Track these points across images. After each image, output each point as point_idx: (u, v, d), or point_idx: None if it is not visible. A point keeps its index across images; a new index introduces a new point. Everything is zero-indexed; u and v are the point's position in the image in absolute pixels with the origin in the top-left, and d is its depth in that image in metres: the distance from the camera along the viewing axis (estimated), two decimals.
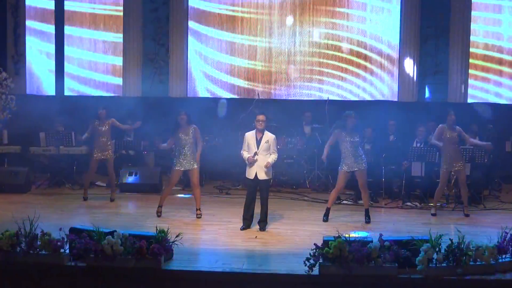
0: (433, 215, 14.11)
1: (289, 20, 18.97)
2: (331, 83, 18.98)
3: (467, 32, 18.39)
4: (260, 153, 12.46)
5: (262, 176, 12.50)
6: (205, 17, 19.23)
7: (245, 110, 16.83)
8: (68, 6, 19.14)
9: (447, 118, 13.93)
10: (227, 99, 18.73)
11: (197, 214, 13.50)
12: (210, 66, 19.27)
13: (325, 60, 18.98)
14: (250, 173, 12.55)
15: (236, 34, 19.17)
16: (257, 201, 12.71)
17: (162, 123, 15.16)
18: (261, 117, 12.56)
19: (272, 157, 12.56)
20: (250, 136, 12.61)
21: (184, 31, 19.10)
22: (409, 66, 18.59)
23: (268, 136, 12.58)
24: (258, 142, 12.51)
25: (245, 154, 12.55)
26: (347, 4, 18.84)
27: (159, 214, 13.51)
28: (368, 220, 13.27)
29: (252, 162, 12.45)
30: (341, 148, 13.22)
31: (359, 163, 13.11)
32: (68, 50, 19.18)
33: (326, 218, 13.39)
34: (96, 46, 19.49)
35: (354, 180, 13.52)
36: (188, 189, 15.33)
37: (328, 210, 13.47)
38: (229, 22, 19.16)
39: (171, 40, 19.11)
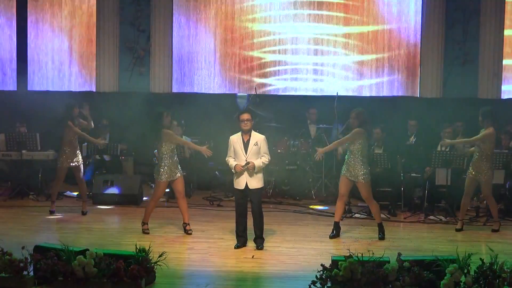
0: (458, 230, 14.16)
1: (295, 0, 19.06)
2: (341, 76, 19.04)
3: (501, 15, 18.42)
4: (249, 158, 12.44)
5: (252, 185, 12.50)
6: None
7: (239, 107, 16.89)
8: None
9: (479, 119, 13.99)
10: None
11: (187, 230, 13.53)
12: (199, 56, 19.30)
13: (335, 49, 19.02)
14: (239, 183, 12.54)
15: (229, 18, 19.22)
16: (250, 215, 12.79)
17: (143, 124, 15.19)
18: (245, 115, 12.56)
19: (262, 160, 12.50)
20: (235, 139, 12.61)
21: (168, 15, 19.15)
22: (433, 56, 18.62)
23: (257, 137, 12.57)
24: (246, 146, 12.50)
25: (232, 161, 12.56)
26: None
27: (146, 231, 13.52)
28: (381, 236, 13.31)
29: (240, 172, 12.48)
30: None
31: (357, 173, 13.16)
32: (32, 38, 19.27)
33: (333, 234, 13.44)
34: (65, 33, 19.51)
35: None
36: (173, 201, 15.36)
37: (336, 224, 13.51)
38: (221, 5, 19.20)
39: (153, 25, 19.16)
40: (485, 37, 18.49)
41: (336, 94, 17.35)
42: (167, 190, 14.98)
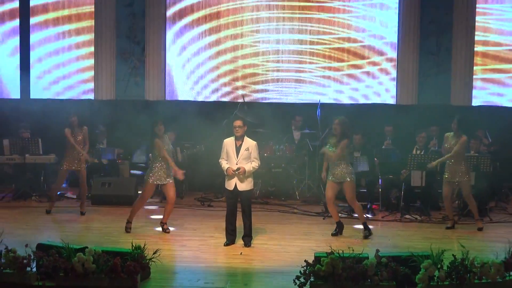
0: (449, 228, 14.18)
1: (278, 16, 19.06)
2: (323, 85, 19.07)
3: (471, 28, 18.49)
4: (240, 162, 12.47)
5: (242, 187, 12.53)
6: (185, 12, 19.29)
7: (229, 114, 16.88)
8: (34, 1, 19.21)
9: (452, 126, 14.05)
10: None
11: (164, 229, 13.54)
12: (191, 66, 19.32)
13: (317, 60, 19.05)
14: (230, 184, 12.57)
15: (220, 30, 19.24)
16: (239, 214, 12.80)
17: (138, 129, 15.18)
18: (237, 123, 12.59)
19: (252, 164, 12.54)
20: (229, 143, 12.65)
21: (162, 28, 19.14)
22: (409, 65, 18.66)
23: (249, 143, 12.61)
24: (238, 150, 12.54)
25: (224, 164, 12.58)
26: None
27: (128, 230, 13.53)
28: (367, 233, 13.28)
29: (231, 174, 12.52)
30: None
31: (343, 175, 13.20)
32: (34, 48, 19.26)
33: (336, 232, 13.45)
34: (65, 44, 19.49)
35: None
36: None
37: (338, 224, 13.50)
38: (213, 18, 19.23)
39: (148, 37, 19.15)
40: (457, 49, 18.56)
41: (318, 102, 17.39)
42: (160, 190, 14.96)
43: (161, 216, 13.79)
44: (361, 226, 13.44)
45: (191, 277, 10.49)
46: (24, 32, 19.24)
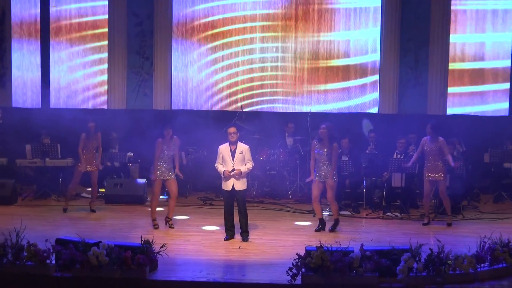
0: (425, 224, 14.20)
1: (272, 35, 19.08)
2: (313, 96, 19.05)
3: (446, 44, 18.48)
4: (235, 164, 12.53)
5: (238, 187, 12.58)
6: (189, 31, 19.28)
7: (228, 122, 16.83)
8: (53, 19, 19.25)
9: (426, 130, 14.11)
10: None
11: (169, 224, 13.57)
12: (195, 80, 19.32)
13: (309, 73, 19.05)
14: (227, 185, 12.62)
15: (221, 48, 19.22)
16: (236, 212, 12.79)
17: (146, 135, 15.16)
18: (232, 129, 12.67)
19: (247, 166, 12.62)
20: (224, 148, 12.70)
21: (168, 45, 19.13)
22: (390, 78, 18.66)
23: (242, 147, 12.67)
24: (233, 154, 12.60)
25: (220, 168, 12.63)
26: (329, 17, 18.93)
27: (156, 226, 13.52)
28: (332, 229, 13.35)
29: (227, 176, 12.53)
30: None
31: (326, 175, 13.21)
32: (54, 63, 19.27)
33: (318, 228, 13.46)
34: (81, 59, 19.48)
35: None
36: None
37: (320, 220, 13.53)
38: (213, 36, 19.23)
39: (156, 53, 19.14)
40: (433, 63, 18.54)
41: (309, 111, 17.40)
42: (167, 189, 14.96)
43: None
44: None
45: (194, 269, 10.49)
46: (45, 49, 19.21)
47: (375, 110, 18.91)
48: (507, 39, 18.62)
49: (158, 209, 13.86)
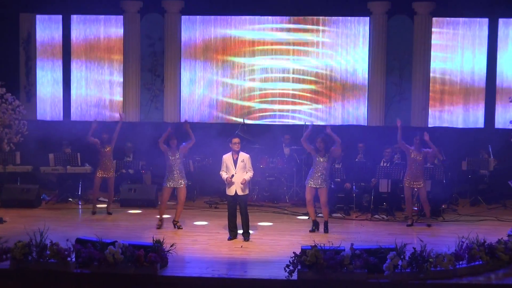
0: (409, 225, 14.18)
1: (272, 56, 19.13)
2: (309, 110, 19.07)
3: (427, 63, 18.53)
4: (237, 172, 12.59)
5: (240, 192, 12.63)
6: (196, 51, 19.31)
7: (232, 133, 16.85)
8: (74, 39, 19.33)
9: (414, 141, 14.13)
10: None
11: (177, 225, 13.56)
12: (200, 94, 19.34)
13: (304, 89, 19.07)
14: (231, 190, 12.66)
15: (226, 67, 19.25)
16: (239, 214, 12.77)
17: (157, 145, 15.16)
18: (235, 140, 12.81)
19: (248, 174, 12.69)
20: (227, 157, 12.78)
21: (177, 64, 19.15)
22: (377, 94, 18.67)
23: (243, 156, 12.75)
24: (235, 162, 12.66)
25: (224, 175, 12.70)
26: (323, 39, 18.97)
27: (159, 226, 13.55)
28: (326, 230, 13.34)
29: (230, 183, 12.55)
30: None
31: (320, 182, 13.19)
32: (74, 80, 19.32)
33: (313, 229, 13.44)
34: (99, 76, 19.49)
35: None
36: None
37: (314, 222, 13.51)
38: (218, 56, 19.26)
39: (166, 71, 19.16)
40: (416, 81, 18.58)
41: (304, 124, 17.37)
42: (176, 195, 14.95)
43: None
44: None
45: (201, 266, 10.49)
46: (67, 68, 19.28)
47: (364, 122, 18.91)
48: (482, 61, 18.67)
49: (165, 216, 13.84)
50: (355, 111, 19.02)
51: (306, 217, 14.67)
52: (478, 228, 12.92)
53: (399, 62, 18.78)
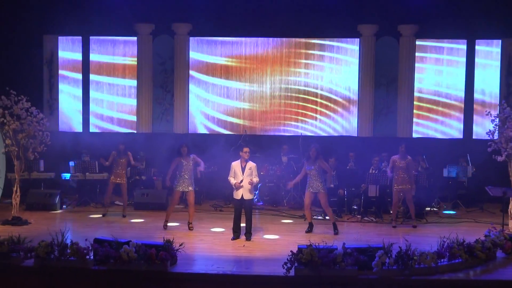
0: (394, 227, 14.16)
1: (271, 70, 19.13)
2: (304, 122, 19.07)
3: (412, 80, 18.57)
4: (245, 178, 12.59)
5: (246, 196, 12.63)
6: (203, 68, 19.35)
7: (235, 143, 16.89)
8: (93, 58, 19.37)
9: (399, 150, 14.19)
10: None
11: (189, 227, 13.53)
12: (207, 108, 19.36)
13: (299, 103, 19.09)
14: (237, 194, 12.66)
15: (229, 83, 19.27)
16: (243, 216, 12.74)
17: (168, 154, 15.18)
18: (246, 149, 12.79)
19: (255, 178, 12.68)
20: (236, 164, 12.77)
21: (186, 80, 19.19)
22: (366, 107, 18.69)
23: (251, 164, 12.74)
24: (243, 169, 12.66)
25: (232, 180, 12.68)
26: (318, 58, 19.00)
27: (165, 227, 13.53)
28: (336, 231, 13.27)
29: (238, 187, 12.54)
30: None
31: (318, 187, 13.20)
32: (93, 94, 19.36)
33: (308, 230, 13.40)
34: (115, 91, 19.52)
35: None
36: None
37: (310, 224, 13.49)
38: (222, 71, 19.30)
39: (176, 87, 19.20)
40: (401, 95, 18.63)
41: (300, 135, 17.42)
42: (185, 199, 14.92)
43: (186, 219, 13.78)
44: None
45: (207, 263, 10.48)
46: (86, 84, 19.33)
47: (354, 133, 18.92)
48: (461, 77, 18.70)
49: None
50: (347, 123, 19.03)
51: (303, 219, 14.67)
52: (458, 229, 12.89)
53: (386, 78, 18.83)
